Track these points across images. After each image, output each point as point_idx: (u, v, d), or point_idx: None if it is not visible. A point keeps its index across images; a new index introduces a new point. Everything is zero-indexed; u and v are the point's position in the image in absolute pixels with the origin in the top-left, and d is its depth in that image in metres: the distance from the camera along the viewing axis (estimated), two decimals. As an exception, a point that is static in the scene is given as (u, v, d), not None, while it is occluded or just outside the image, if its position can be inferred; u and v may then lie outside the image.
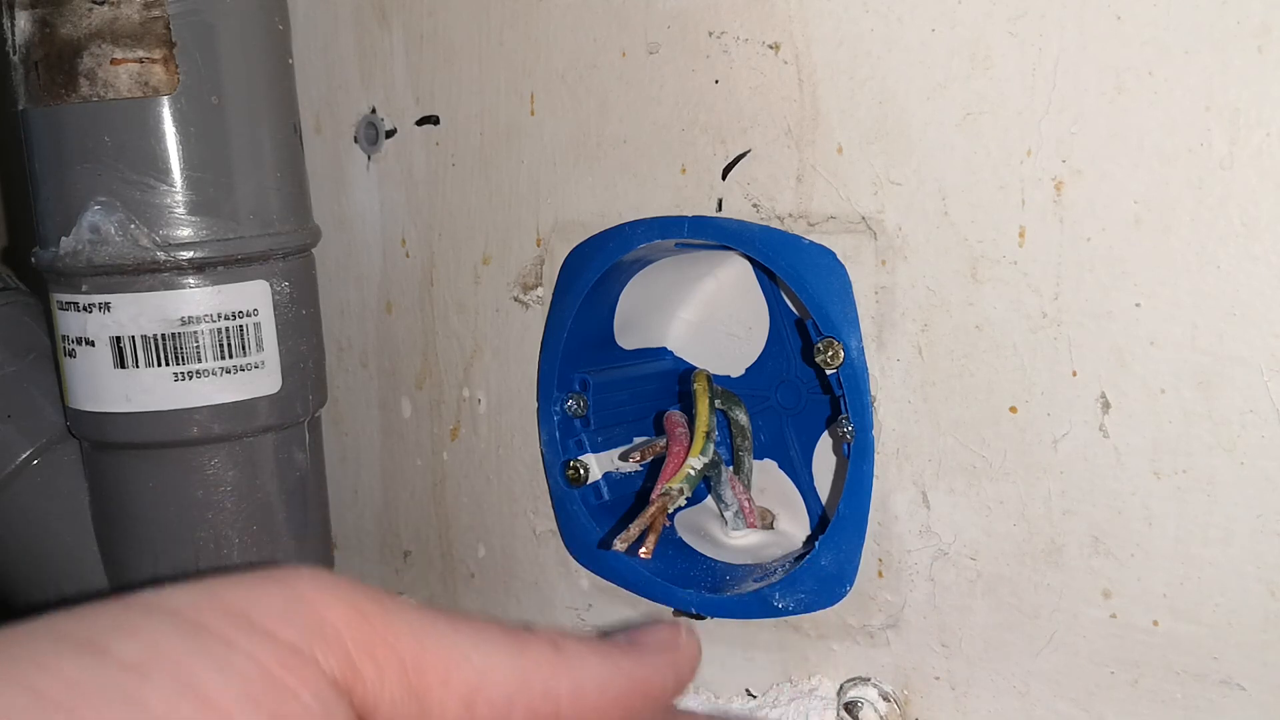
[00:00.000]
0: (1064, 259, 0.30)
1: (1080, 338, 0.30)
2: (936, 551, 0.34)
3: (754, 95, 0.35)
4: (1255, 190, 0.28)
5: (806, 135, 0.34)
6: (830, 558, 0.35)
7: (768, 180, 0.35)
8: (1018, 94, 0.30)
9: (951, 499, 0.34)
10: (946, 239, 0.32)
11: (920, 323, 0.33)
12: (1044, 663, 0.33)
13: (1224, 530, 0.29)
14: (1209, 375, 0.29)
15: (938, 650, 0.35)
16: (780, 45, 0.34)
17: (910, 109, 0.32)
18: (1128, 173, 0.29)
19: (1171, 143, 0.28)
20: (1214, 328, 0.29)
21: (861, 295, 0.34)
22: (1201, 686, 0.30)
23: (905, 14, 0.32)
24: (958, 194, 0.32)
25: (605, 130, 0.39)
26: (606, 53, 0.38)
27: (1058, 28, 0.29)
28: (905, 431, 0.34)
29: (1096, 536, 0.31)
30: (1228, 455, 0.29)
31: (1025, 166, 0.30)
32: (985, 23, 0.30)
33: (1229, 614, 0.30)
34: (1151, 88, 0.28)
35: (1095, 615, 0.32)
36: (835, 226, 0.34)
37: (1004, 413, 0.32)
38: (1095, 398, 0.30)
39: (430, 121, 0.44)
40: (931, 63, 0.31)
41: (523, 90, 0.41)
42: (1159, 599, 0.31)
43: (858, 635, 0.36)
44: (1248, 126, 0.27)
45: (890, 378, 0.34)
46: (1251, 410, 0.28)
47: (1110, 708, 0.32)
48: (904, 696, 0.36)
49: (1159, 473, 0.30)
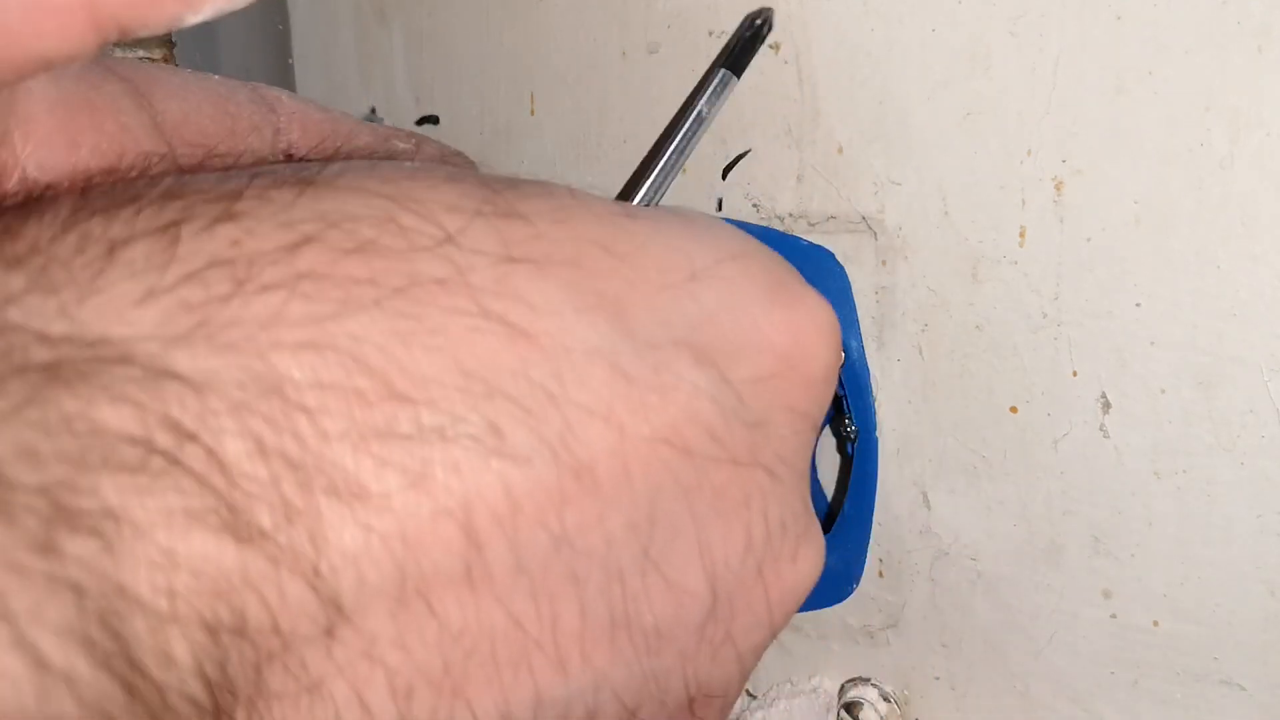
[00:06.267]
0: (1064, 259, 0.30)
1: (1080, 338, 0.30)
2: (937, 552, 0.34)
3: (754, 95, 0.35)
4: (1255, 190, 0.28)
5: (806, 135, 0.34)
6: (837, 557, 0.36)
7: (768, 180, 0.35)
8: (1018, 94, 0.30)
9: (952, 499, 0.34)
10: (947, 239, 0.32)
11: (920, 323, 0.33)
12: (1044, 663, 0.33)
13: (1224, 530, 0.29)
14: (1209, 375, 0.29)
15: (938, 650, 0.35)
16: (780, 45, 0.34)
17: (910, 109, 0.32)
18: (1128, 173, 0.29)
19: (1171, 143, 0.28)
20: (1214, 328, 0.28)
21: (861, 295, 0.34)
22: (1201, 686, 0.30)
23: (905, 14, 0.32)
24: (958, 194, 0.32)
25: (605, 130, 0.39)
26: (606, 53, 0.38)
27: (1058, 28, 0.29)
28: (905, 431, 0.34)
29: (1096, 536, 0.31)
30: (1228, 455, 0.29)
31: (1025, 166, 0.30)
32: (985, 23, 0.30)
33: (1229, 614, 0.30)
34: (1151, 88, 0.28)
35: (1095, 615, 0.32)
36: (835, 226, 0.34)
37: (1004, 413, 0.32)
38: (1095, 398, 0.30)
39: (430, 121, 0.44)
40: (931, 63, 0.31)
41: (523, 90, 0.41)
42: (1159, 599, 0.31)
43: (858, 635, 0.36)
44: (1248, 126, 0.27)
45: (890, 378, 0.34)
46: (1251, 410, 0.28)
47: (1110, 708, 0.32)
48: (904, 696, 0.36)
49: (1159, 473, 0.30)
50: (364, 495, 0.15)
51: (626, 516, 0.17)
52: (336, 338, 0.15)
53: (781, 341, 0.20)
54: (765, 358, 0.20)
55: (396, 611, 0.15)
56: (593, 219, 0.18)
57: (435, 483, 0.15)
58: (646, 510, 0.17)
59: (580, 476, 0.16)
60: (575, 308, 0.17)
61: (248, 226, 0.16)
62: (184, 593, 0.14)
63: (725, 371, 0.19)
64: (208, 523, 0.14)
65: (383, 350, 0.15)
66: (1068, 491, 0.31)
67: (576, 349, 0.17)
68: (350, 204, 0.17)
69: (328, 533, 0.15)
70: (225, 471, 0.14)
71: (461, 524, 0.16)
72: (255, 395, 0.14)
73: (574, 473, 0.16)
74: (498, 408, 0.16)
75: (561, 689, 0.17)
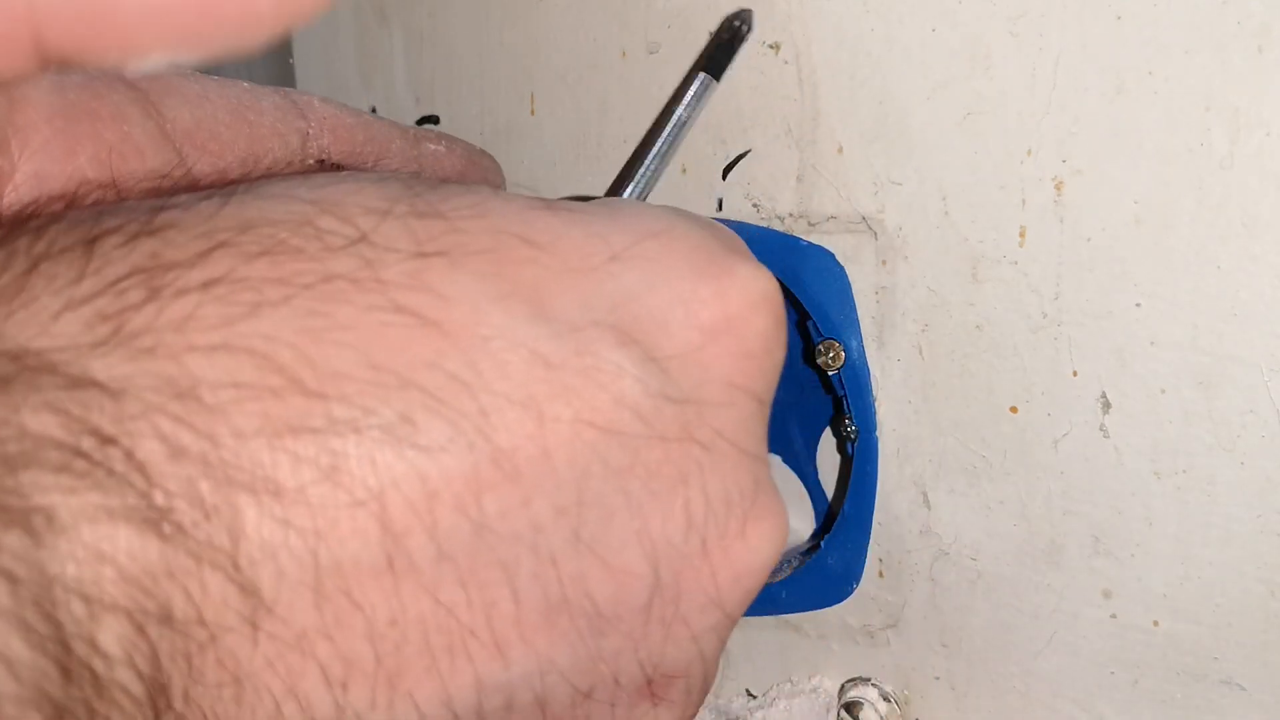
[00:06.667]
0: (1064, 259, 0.30)
1: (1080, 338, 0.30)
2: (937, 552, 0.34)
3: (754, 95, 0.35)
4: (1255, 190, 0.28)
5: (806, 135, 0.34)
6: (837, 557, 0.36)
7: (768, 180, 0.35)
8: (1018, 94, 0.30)
9: (952, 499, 0.34)
10: (947, 239, 0.32)
11: (921, 323, 0.33)
12: (1044, 663, 0.33)
13: (1224, 530, 0.29)
14: (1209, 375, 0.29)
15: (938, 650, 0.35)
16: (780, 45, 0.34)
17: (910, 109, 0.32)
18: (1128, 173, 0.29)
19: (1171, 143, 0.28)
20: (1214, 328, 0.28)
21: (861, 295, 0.34)
22: (1201, 686, 0.30)
23: (905, 14, 0.32)
24: (958, 194, 0.32)
25: (605, 130, 0.39)
26: (606, 53, 0.38)
27: (1058, 28, 0.29)
28: (905, 431, 0.34)
29: (1097, 536, 0.31)
30: (1228, 455, 0.29)
31: (1025, 166, 0.30)
32: (985, 23, 0.30)
33: (1229, 614, 0.30)
34: (1151, 88, 0.28)
35: (1095, 615, 0.32)
36: (835, 226, 0.34)
37: (1004, 413, 0.32)
38: (1095, 398, 0.30)
39: (430, 121, 0.44)
40: (931, 63, 0.31)
41: (523, 90, 0.41)
42: (1159, 599, 0.31)
43: (858, 635, 0.36)
44: (1248, 126, 0.27)
45: (890, 378, 0.34)
46: (1251, 410, 0.28)
47: (1110, 708, 0.32)
48: (904, 696, 0.36)
49: (1159, 473, 0.30)
50: (279, 490, 0.15)
51: (552, 500, 0.17)
52: (248, 338, 0.16)
53: (708, 315, 0.20)
54: (691, 333, 0.19)
55: (320, 603, 0.16)
56: (510, 212, 0.19)
57: (348, 475, 0.16)
58: (574, 493, 0.17)
59: (499, 463, 0.17)
60: (490, 296, 0.17)
61: (167, 238, 0.16)
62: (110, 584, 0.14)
63: (650, 349, 0.19)
64: (130, 520, 0.14)
65: (293, 348, 0.16)
66: (1068, 491, 0.31)
67: (493, 337, 0.17)
68: (270, 210, 0.17)
69: (245, 527, 0.15)
70: (144, 471, 0.15)
71: (377, 514, 0.16)
72: (169, 398, 0.15)
73: (491, 460, 0.17)
74: (410, 398, 0.16)
75: (503, 674, 0.17)
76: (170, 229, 0.16)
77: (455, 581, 0.17)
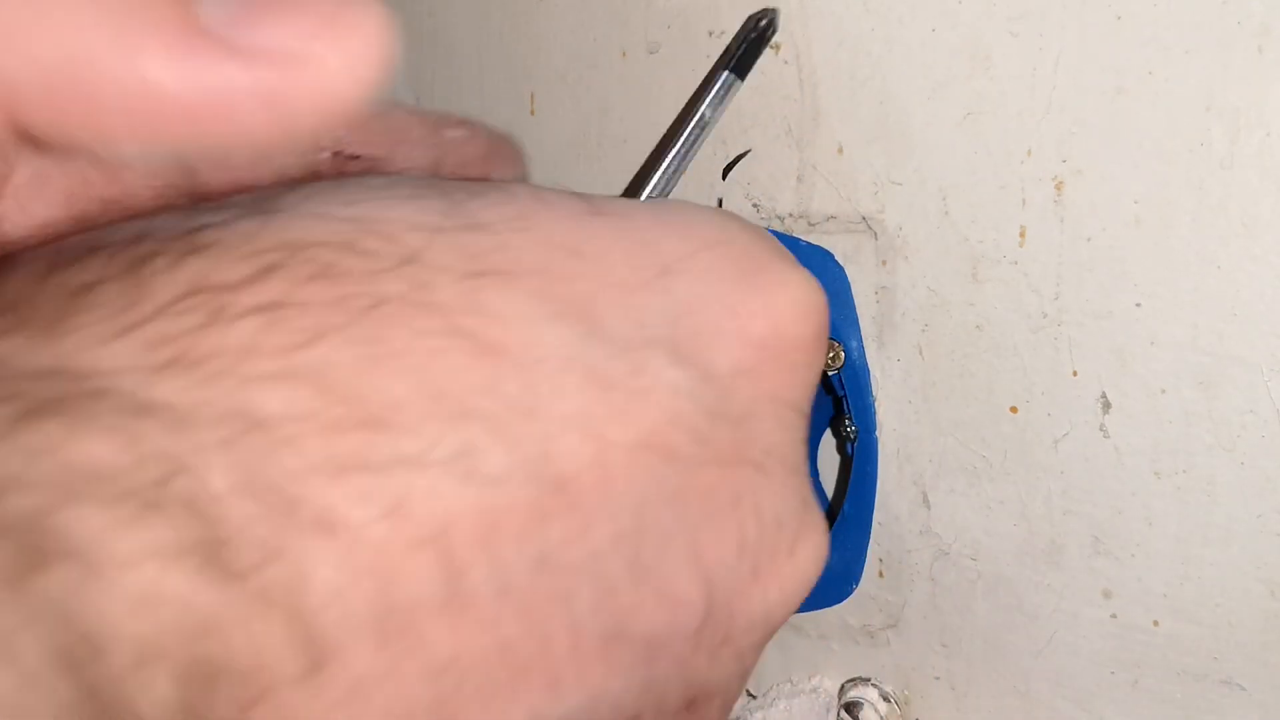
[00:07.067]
0: (1064, 259, 0.30)
1: (1080, 338, 0.30)
2: (937, 552, 0.34)
3: (754, 95, 0.35)
4: (1255, 190, 0.28)
5: (807, 135, 0.34)
6: (837, 557, 0.36)
7: (768, 180, 0.35)
8: (1018, 94, 0.30)
9: (952, 499, 0.34)
10: (947, 239, 0.32)
11: (921, 323, 0.33)
12: (1044, 663, 0.33)
13: (1224, 530, 0.29)
14: (1209, 375, 0.29)
15: (938, 650, 0.35)
16: (780, 45, 0.34)
17: (910, 109, 0.32)
18: (1128, 173, 0.29)
19: (1171, 143, 0.28)
20: (1214, 328, 0.28)
21: (861, 295, 0.34)
22: (1201, 686, 0.30)
23: (905, 14, 0.32)
24: (958, 194, 0.32)
25: (605, 130, 0.39)
26: (606, 53, 0.38)
27: (1058, 28, 0.29)
28: (905, 432, 0.34)
29: (1097, 536, 0.31)
30: (1228, 455, 0.29)
31: (1025, 166, 0.30)
32: (985, 23, 0.30)
33: (1229, 614, 0.30)
34: (1151, 88, 0.28)
35: (1095, 615, 0.32)
36: (835, 226, 0.34)
37: (1004, 413, 0.32)
38: (1095, 398, 0.30)
39: (430, 121, 0.44)
40: (931, 63, 0.31)
41: (523, 90, 0.41)
42: (1159, 599, 0.31)
43: (858, 635, 0.36)
44: (1248, 126, 0.27)
45: (890, 378, 0.34)
46: (1251, 410, 0.28)
47: (1110, 708, 0.32)
48: (904, 696, 0.36)
49: (1159, 473, 0.30)
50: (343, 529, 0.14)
51: (613, 528, 0.17)
52: (308, 366, 0.15)
53: (760, 330, 0.19)
54: (743, 349, 0.19)
55: (381, 646, 0.15)
56: (556, 222, 0.18)
57: (411, 511, 0.15)
58: (633, 520, 0.17)
59: (561, 491, 0.16)
60: (545, 316, 0.17)
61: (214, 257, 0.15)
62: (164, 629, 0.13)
63: (705, 367, 0.18)
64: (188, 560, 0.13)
65: (353, 377, 0.15)
66: (1068, 491, 0.31)
67: (549, 359, 0.16)
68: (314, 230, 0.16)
69: (307, 569, 0.14)
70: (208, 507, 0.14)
71: (440, 551, 0.15)
72: (236, 429, 0.14)
73: (554, 487, 0.16)
74: (471, 427, 0.16)
75: (559, 708, 0.17)
76: (214, 247, 0.16)
77: (515, 616, 0.16)
